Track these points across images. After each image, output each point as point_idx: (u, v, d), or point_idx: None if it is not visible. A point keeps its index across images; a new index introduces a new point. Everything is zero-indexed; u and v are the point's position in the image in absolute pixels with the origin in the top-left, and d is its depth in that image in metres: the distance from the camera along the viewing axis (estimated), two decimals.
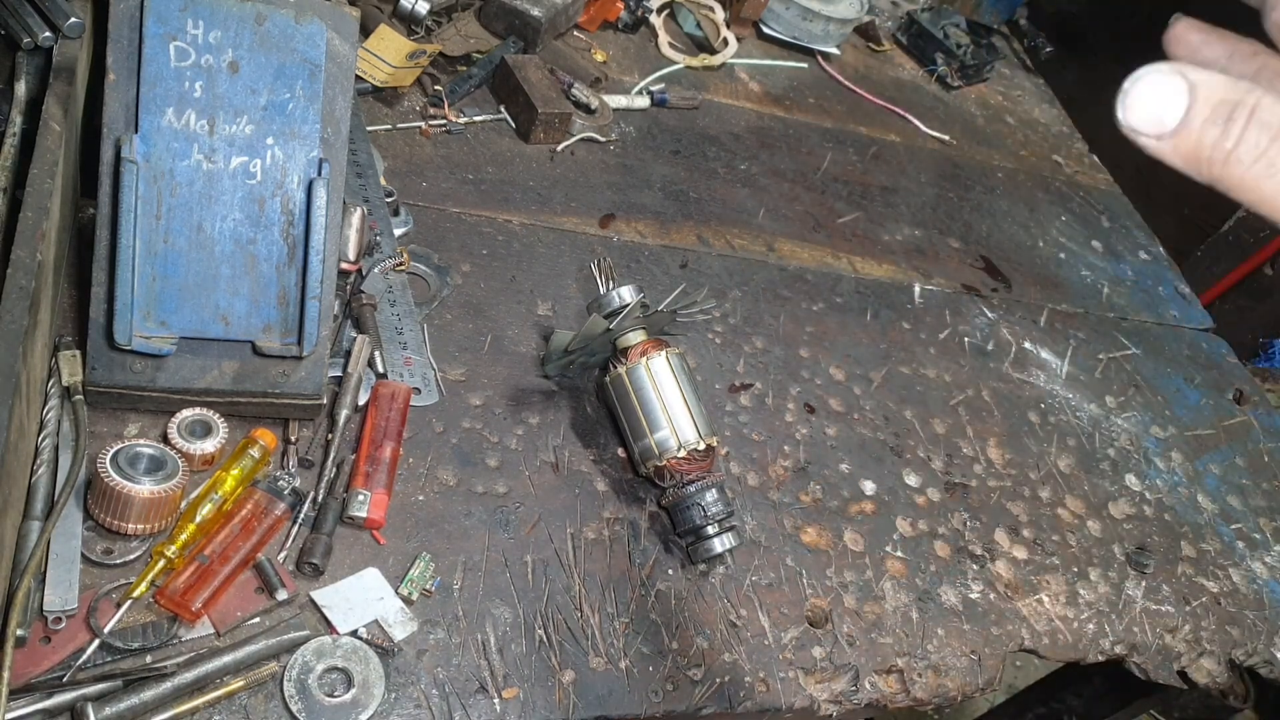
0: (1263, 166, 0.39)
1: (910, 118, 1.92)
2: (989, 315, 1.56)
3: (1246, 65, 0.50)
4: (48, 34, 0.94)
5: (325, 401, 0.98)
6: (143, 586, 0.81)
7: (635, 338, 1.07)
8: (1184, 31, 0.51)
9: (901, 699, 1.05)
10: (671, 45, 1.75)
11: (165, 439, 0.90)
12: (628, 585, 1.01)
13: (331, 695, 0.83)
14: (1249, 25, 0.50)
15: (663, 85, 1.66)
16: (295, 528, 0.91)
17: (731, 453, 1.17)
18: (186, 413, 0.92)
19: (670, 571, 1.04)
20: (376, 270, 1.12)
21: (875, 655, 1.05)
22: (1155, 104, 0.39)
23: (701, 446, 1.04)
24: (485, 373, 1.12)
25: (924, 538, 1.19)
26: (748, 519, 1.11)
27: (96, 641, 0.78)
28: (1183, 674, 1.20)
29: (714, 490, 1.03)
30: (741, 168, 1.61)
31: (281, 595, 0.86)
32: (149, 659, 0.79)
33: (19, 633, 0.73)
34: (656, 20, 1.76)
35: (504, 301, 1.21)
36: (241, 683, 0.80)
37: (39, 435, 0.86)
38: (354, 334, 1.05)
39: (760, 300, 1.39)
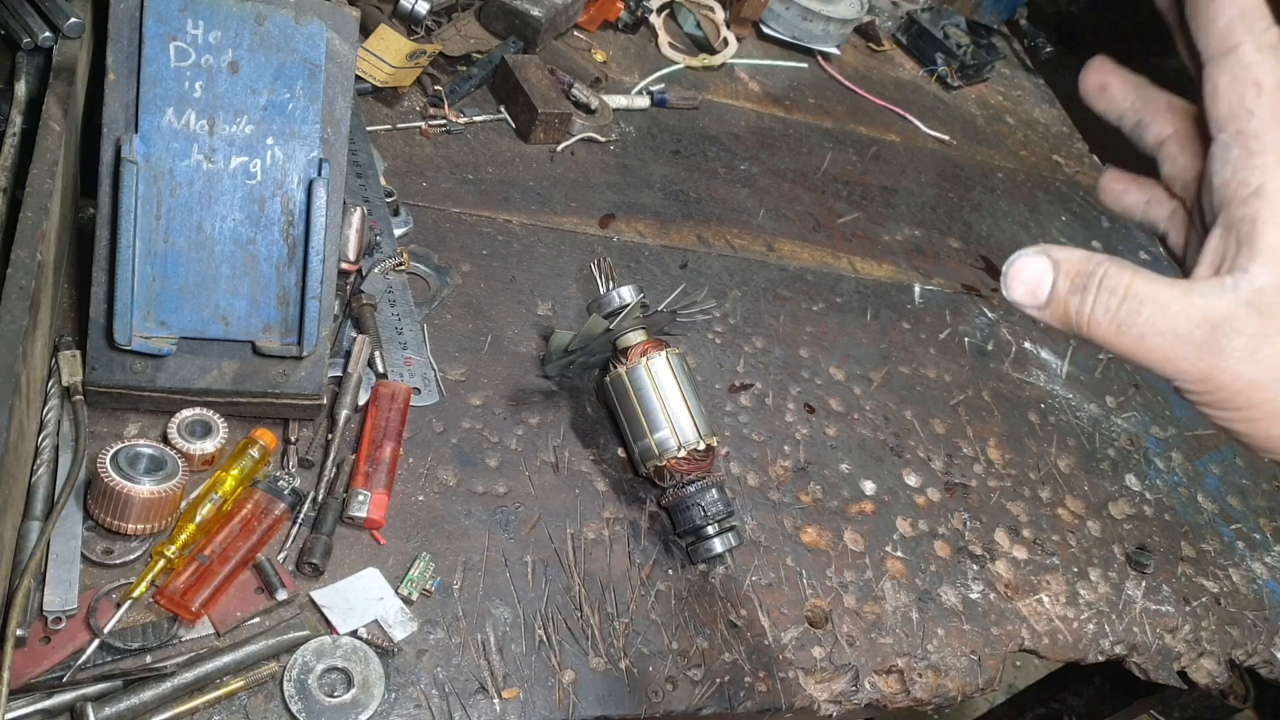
0: (1114, 326, 0.45)
1: (910, 118, 1.92)
2: (989, 315, 1.56)
3: (1163, 209, 0.57)
4: (48, 34, 0.94)
5: (325, 401, 0.98)
6: (143, 586, 0.81)
7: (635, 338, 1.07)
8: (1109, 181, 0.60)
9: (901, 699, 1.05)
10: (671, 45, 1.75)
11: (165, 439, 0.90)
12: (628, 585, 1.01)
13: (331, 695, 0.83)
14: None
15: (663, 85, 1.65)
16: (295, 528, 0.91)
17: (731, 453, 1.17)
18: (186, 413, 0.92)
19: (670, 571, 1.04)
20: (376, 270, 1.12)
21: (875, 655, 1.05)
22: (1029, 280, 0.47)
23: (701, 446, 1.04)
24: (485, 373, 1.12)
25: (924, 538, 1.19)
26: (748, 519, 1.11)
27: (96, 641, 0.78)
28: (1183, 674, 1.21)
29: (714, 490, 1.03)
30: (741, 168, 1.61)
31: (281, 595, 0.86)
32: (149, 659, 0.79)
33: (19, 633, 0.73)
34: (656, 20, 1.76)
35: (504, 301, 1.21)
36: (241, 683, 0.80)
37: (39, 435, 0.86)
38: (354, 334, 1.05)
39: (760, 300, 1.39)
